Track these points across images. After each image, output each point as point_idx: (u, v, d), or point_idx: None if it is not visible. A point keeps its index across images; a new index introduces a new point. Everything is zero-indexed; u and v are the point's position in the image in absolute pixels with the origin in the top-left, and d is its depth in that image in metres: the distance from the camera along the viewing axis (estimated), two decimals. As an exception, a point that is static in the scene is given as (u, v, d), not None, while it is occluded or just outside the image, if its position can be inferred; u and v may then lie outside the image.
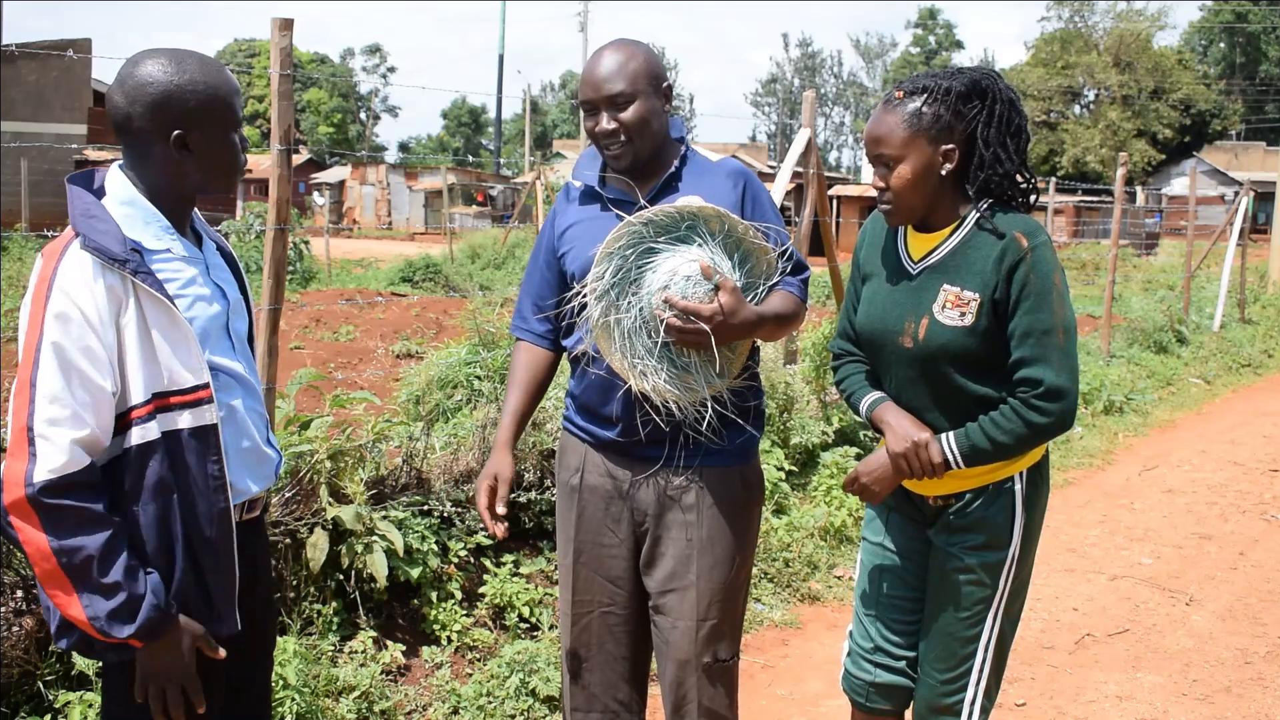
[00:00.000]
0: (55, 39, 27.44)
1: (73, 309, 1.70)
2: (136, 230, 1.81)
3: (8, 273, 12.17)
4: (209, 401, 1.83)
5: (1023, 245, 2.07)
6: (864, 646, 2.38)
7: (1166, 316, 11.27)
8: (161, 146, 1.81)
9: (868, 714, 2.41)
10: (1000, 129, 2.11)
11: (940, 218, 2.18)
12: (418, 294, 13.45)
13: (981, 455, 2.12)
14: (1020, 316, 2.07)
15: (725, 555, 2.35)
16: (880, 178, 2.14)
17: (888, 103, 2.13)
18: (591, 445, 2.41)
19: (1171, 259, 20.76)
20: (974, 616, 2.23)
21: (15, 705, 2.78)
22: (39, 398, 1.68)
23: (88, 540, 1.68)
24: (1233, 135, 51.66)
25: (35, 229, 17.47)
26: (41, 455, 1.67)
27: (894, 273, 2.24)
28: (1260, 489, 6.45)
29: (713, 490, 2.33)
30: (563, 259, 2.40)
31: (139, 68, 1.80)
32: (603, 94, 2.27)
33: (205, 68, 1.83)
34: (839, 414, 6.01)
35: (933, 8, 77.96)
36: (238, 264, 2.07)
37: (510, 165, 51.73)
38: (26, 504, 1.66)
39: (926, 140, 2.09)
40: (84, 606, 1.70)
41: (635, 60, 2.28)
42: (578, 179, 2.43)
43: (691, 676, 2.37)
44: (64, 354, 1.69)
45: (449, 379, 5.56)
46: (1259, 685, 3.82)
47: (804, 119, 6.07)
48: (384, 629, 3.57)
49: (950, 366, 2.14)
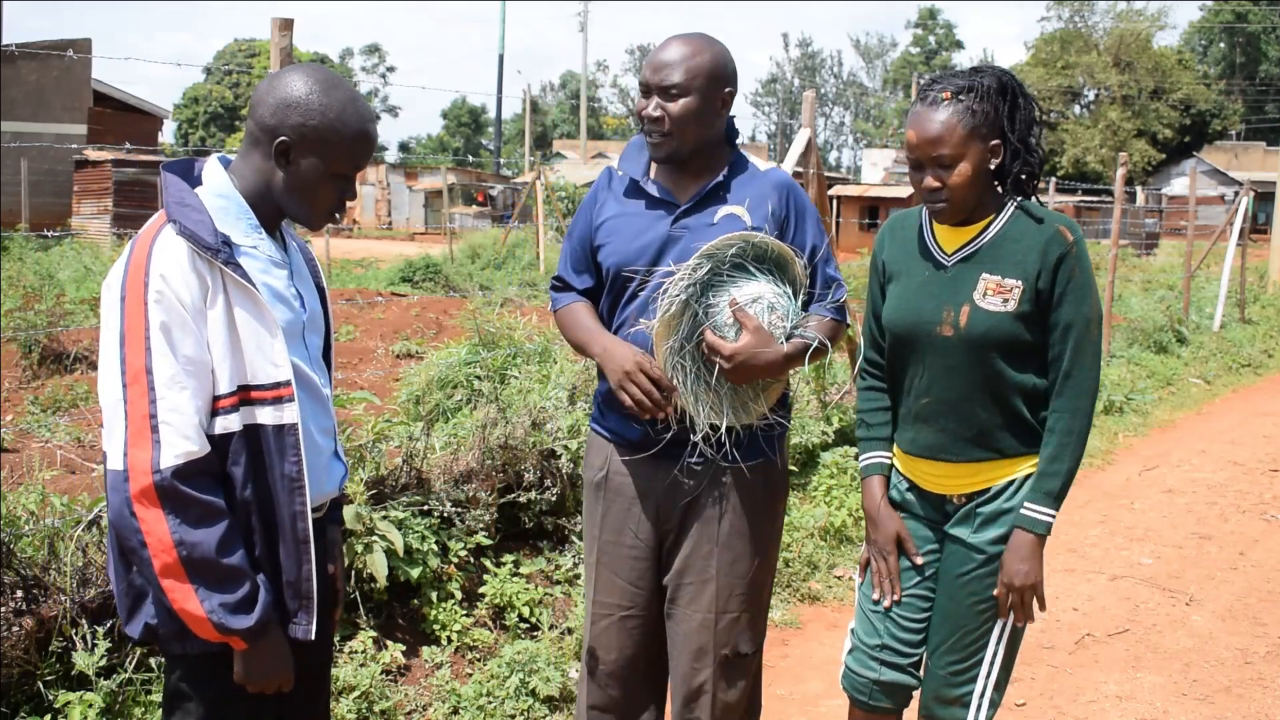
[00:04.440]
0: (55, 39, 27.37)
1: (171, 292, 1.69)
2: (228, 224, 1.79)
3: (8, 273, 12.16)
4: (290, 400, 1.80)
5: (1068, 239, 2.15)
6: (869, 644, 2.38)
7: (1166, 316, 11.28)
8: (266, 148, 1.80)
9: (868, 712, 2.41)
10: (1026, 122, 2.18)
11: (977, 212, 2.21)
12: (418, 294, 13.44)
13: (1066, 490, 2.21)
14: (1064, 309, 2.15)
15: (747, 550, 2.36)
16: (935, 178, 2.14)
17: (935, 103, 2.13)
18: (616, 444, 2.41)
19: (1171, 259, 20.76)
20: (988, 610, 2.25)
21: (15, 705, 2.78)
22: (158, 384, 1.66)
23: (208, 533, 1.67)
24: (1233, 135, 51.64)
25: (35, 229, 17.47)
26: (166, 442, 1.65)
27: (926, 267, 2.27)
28: (1260, 489, 6.45)
29: (737, 485, 2.34)
30: (599, 250, 2.39)
31: (296, 72, 1.81)
32: (657, 80, 2.26)
33: (348, 103, 1.81)
34: (839, 414, 6.01)
35: (933, 8, 77.96)
36: (320, 276, 2.04)
37: (510, 165, 51.72)
38: (154, 492, 1.64)
39: (979, 137, 2.13)
40: (201, 601, 1.68)
41: (701, 57, 2.26)
42: (623, 168, 2.41)
43: (707, 669, 2.36)
44: (172, 337, 1.68)
45: (449, 379, 5.55)
46: (1259, 685, 3.82)
47: (804, 119, 6.06)
48: (384, 629, 3.57)
49: (994, 352, 2.18)
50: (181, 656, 1.80)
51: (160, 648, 1.81)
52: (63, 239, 15.33)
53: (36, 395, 6.70)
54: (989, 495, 2.24)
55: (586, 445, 2.54)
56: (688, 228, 2.31)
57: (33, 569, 2.94)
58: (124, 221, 20.50)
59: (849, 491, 5.16)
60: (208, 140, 57.80)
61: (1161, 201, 34.58)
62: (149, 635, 1.79)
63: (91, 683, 2.81)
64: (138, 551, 1.68)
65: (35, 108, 25.16)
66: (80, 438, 5.47)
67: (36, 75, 25.30)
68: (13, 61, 24.11)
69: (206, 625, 1.70)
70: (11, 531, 3.01)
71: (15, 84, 24.54)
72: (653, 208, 2.35)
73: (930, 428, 2.26)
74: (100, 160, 22.55)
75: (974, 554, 2.24)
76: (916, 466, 2.33)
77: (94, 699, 2.77)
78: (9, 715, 2.75)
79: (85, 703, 2.76)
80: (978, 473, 2.24)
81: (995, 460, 2.23)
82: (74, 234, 15.64)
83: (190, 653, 1.78)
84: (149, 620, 1.78)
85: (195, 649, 1.77)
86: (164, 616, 1.76)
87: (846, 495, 5.13)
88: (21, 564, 2.93)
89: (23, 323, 8.23)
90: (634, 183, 2.38)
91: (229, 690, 1.80)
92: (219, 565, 1.68)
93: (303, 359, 1.87)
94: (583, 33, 50.48)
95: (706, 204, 2.33)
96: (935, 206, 2.18)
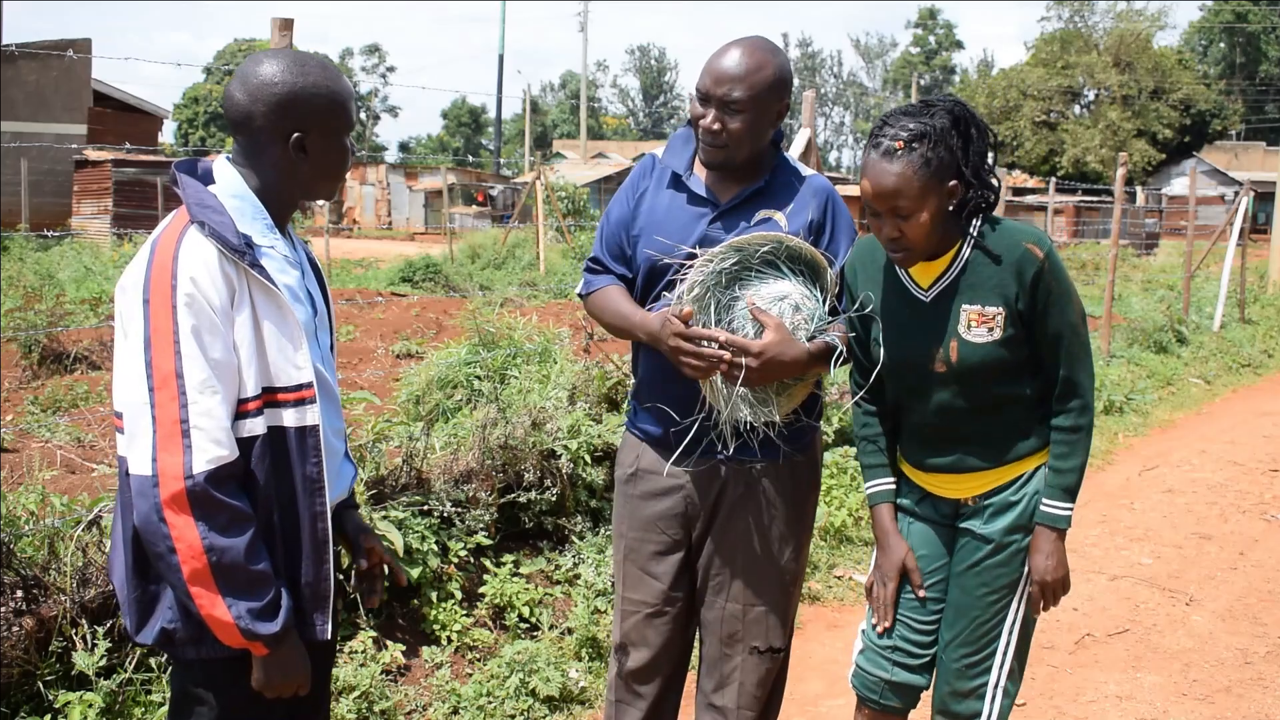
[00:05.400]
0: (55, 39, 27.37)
1: (201, 295, 1.67)
2: (245, 224, 1.78)
3: (8, 272, 12.16)
4: (312, 401, 1.80)
5: (1038, 255, 2.14)
6: (880, 644, 2.40)
7: (1166, 316, 11.27)
8: (280, 147, 1.80)
9: (878, 711, 2.42)
10: (980, 154, 2.15)
11: (941, 245, 2.20)
12: (418, 294, 13.43)
13: (1080, 483, 2.23)
14: (1049, 320, 2.17)
15: (778, 545, 2.39)
16: (894, 228, 2.11)
17: (889, 154, 2.07)
18: (646, 442, 2.43)
19: (1171, 259, 20.76)
20: (1000, 600, 2.27)
21: (15, 705, 2.78)
22: (189, 388, 1.64)
23: (237, 540, 1.66)
24: (1233, 135, 51.65)
25: (35, 229, 17.48)
26: (198, 447, 1.64)
27: (904, 304, 2.25)
28: (1260, 489, 6.45)
29: (768, 481, 2.36)
30: (636, 238, 2.39)
31: (262, 67, 1.79)
32: (720, 92, 2.22)
33: (327, 72, 1.83)
34: (839, 414, 6.01)
35: (933, 8, 77.97)
36: (322, 276, 2.04)
37: (510, 165, 51.73)
38: (185, 497, 1.63)
39: (937, 184, 2.09)
40: (228, 606, 1.67)
41: (765, 71, 2.22)
42: (666, 161, 2.40)
43: (738, 656, 2.40)
44: (202, 340, 1.66)
45: (449, 379, 5.55)
46: (1259, 685, 3.82)
47: (804, 119, 6.06)
48: (384, 629, 3.57)
49: (989, 379, 2.20)
50: (196, 661, 1.79)
51: (174, 653, 1.80)
52: (63, 239, 15.33)
53: (36, 395, 6.70)
54: (997, 489, 2.28)
55: (620, 444, 2.57)
56: (724, 228, 2.32)
57: (33, 569, 2.94)
58: (124, 221, 20.50)
59: (849, 491, 5.16)
60: (208, 140, 57.78)
61: (1161, 201, 34.57)
62: (164, 640, 1.77)
63: (91, 683, 2.82)
64: (165, 558, 1.66)
65: (35, 108, 25.17)
66: (80, 438, 5.47)
67: (36, 75, 25.30)
68: (13, 61, 24.11)
69: (233, 631, 1.69)
70: (11, 531, 3.01)
71: (15, 84, 24.55)
72: (694, 204, 2.35)
73: (936, 449, 2.29)
74: (100, 160, 22.56)
75: (984, 544, 2.27)
76: (928, 478, 2.35)
77: (94, 699, 2.78)
78: (9, 715, 2.75)
79: (85, 703, 2.77)
80: (988, 477, 2.28)
81: (1005, 465, 2.26)
82: (74, 234, 15.66)
83: (210, 657, 1.77)
84: (165, 625, 1.76)
85: (214, 653, 1.76)
86: (184, 621, 1.75)
87: (846, 495, 5.13)
88: (21, 564, 2.93)
89: (23, 323, 8.23)
90: (676, 176, 2.38)
91: (243, 695, 1.79)
92: (247, 571, 1.67)
93: (317, 359, 1.87)
94: (583, 33, 50.51)
95: (746, 206, 2.33)
96: (896, 255, 2.17)
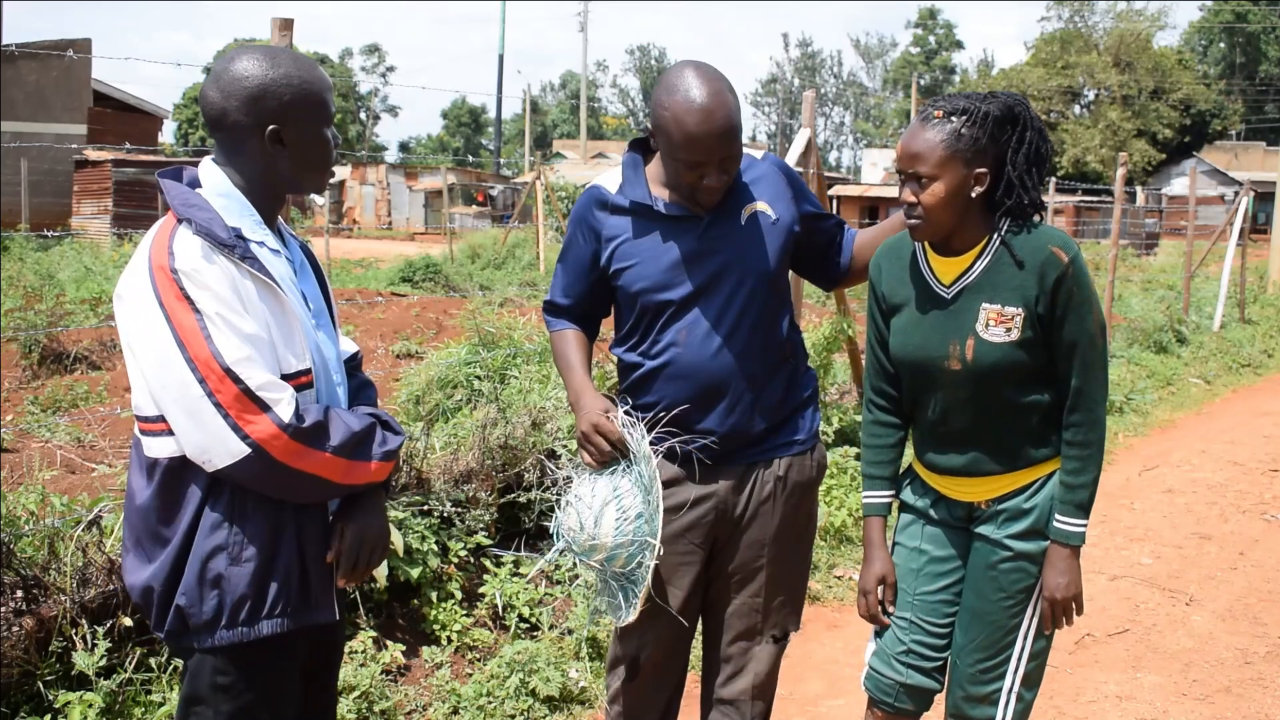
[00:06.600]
0: (55, 39, 27.37)
1: (207, 283, 1.70)
2: (233, 220, 1.80)
3: (8, 272, 12.16)
4: (311, 387, 1.84)
5: (1063, 260, 2.12)
6: (895, 648, 2.39)
7: (1166, 316, 11.28)
8: (257, 141, 1.81)
9: (891, 714, 2.42)
10: (1029, 157, 2.14)
11: (966, 239, 2.19)
12: (418, 294, 13.42)
13: (1093, 499, 2.21)
14: (1068, 328, 2.15)
15: (796, 537, 2.46)
16: (911, 193, 2.13)
17: (926, 120, 2.12)
18: (666, 457, 2.40)
19: (1171, 259, 20.76)
20: (1016, 605, 2.27)
21: (15, 705, 2.78)
22: (233, 365, 1.69)
23: (340, 434, 1.78)
24: (1233, 135, 51.67)
25: (35, 229, 17.47)
26: (273, 401, 1.71)
27: (926, 299, 2.25)
28: (1260, 489, 6.45)
29: (794, 471, 2.42)
30: (618, 274, 2.35)
31: (234, 63, 1.81)
32: (719, 155, 2.20)
33: (299, 63, 1.84)
34: (839, 414, 6.01)
35: (933, 8, 77.95)
36: (321, 270, 2.05)
37: (510, 165, 51.76)
38: (292, 441, 1.72)
39: (962, 162, 2.09)
40: (371, 460, 1.83)
41: (736, 109, 2.22)
42: (629, 195, 2.34)
43: (755, 648, 2.46)
44: (229, 320, 1.70)
45: (449, 379, 5.55)
46: (1259, 685, 3.82)
47: (804, 119, 6.06)
48: (384, 629, 3.57)
49: (1003, 382, 2.18)
50: (214, 649, 1.79)
51: (194, 641, 1.80)
52: (63, 239, 15.33)
53: (36, 395, 6.70)
54: (1010, 493, 2.27)
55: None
56: (719, 236, 2.32)
57: (33, 569, 2.94)
58: (124, 221, 20.52)
59: (849, 491, 5.16)
60: (207, 141, 57.49)
61: (1161, 201, 34.60)
62: (179, 624, 1.78)
63: (91, 683, 2.82)
64: (320, 491, 1.80)
65: (35, 108, 25.17)
66: (80, 438, 5.47)
67: (36, 75, 25.30)
68: (13, 61, 24.12)
69: (383, 468, 1.86)
70: (11, 531, 3.01)
71: (15, 84, 24.55)
72: (669, 226, 2.32)
73: (950, 451, 2.29)
74: (100, 160, 22.56)
75: (999, 549, 2.26)
76: (941, 481, 2.35)
77: (94, 699, 2.78)
78: (9, 715, 2.75)
79: (85, 703, 2.77)
80: (1001, 481, 2.27)
81: (1019, 470, 2.25)
82: (74, 234, 15.65)
83: (242, 640, 1.78)
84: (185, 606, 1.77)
85: (249, 636, 1.78)
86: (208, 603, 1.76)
87: (846, 495, 5.13)
88: (21, 564, 2.93)
89: (23, 323, 8.24)
90: (638, 204, 2.34)
91: (264, 681, 1.83)
92: (361, 434, 1.82)
93: (313, 347, 1.89)
94: (583, 33, 50.52)
95: (728, 209, 2.33)
96: (910, 222, 2.18)
